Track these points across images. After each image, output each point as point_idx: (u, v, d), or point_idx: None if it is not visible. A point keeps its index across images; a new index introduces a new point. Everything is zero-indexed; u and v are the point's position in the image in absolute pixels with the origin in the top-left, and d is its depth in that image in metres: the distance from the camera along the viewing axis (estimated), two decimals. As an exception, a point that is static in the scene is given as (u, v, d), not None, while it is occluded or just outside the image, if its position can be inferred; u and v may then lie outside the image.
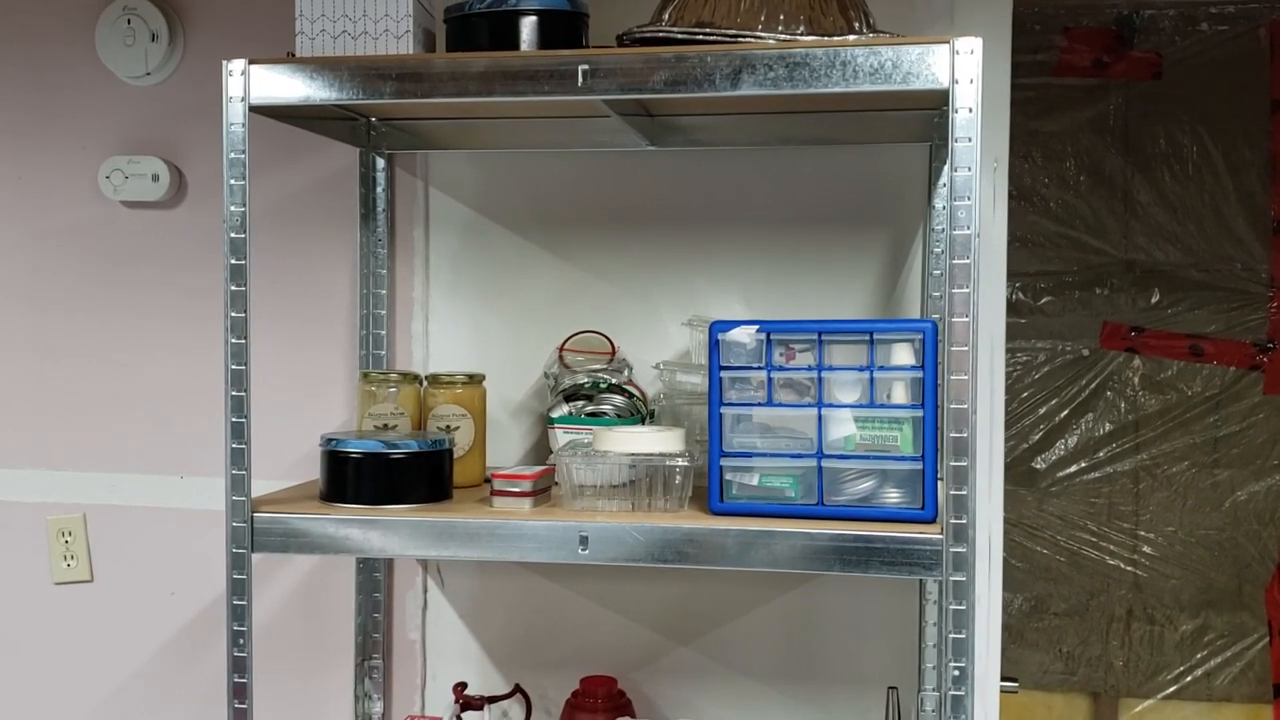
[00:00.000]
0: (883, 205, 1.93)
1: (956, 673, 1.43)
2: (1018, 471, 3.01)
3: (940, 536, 1.43)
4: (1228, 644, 2.96)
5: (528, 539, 1.53)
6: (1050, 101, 2.95)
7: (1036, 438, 3.00)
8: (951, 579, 1.42)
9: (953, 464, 1.42)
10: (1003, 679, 2.07)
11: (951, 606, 1.42)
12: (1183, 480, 2.96)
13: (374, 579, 2.05)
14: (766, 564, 1.48)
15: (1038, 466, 3.00)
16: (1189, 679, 2.97)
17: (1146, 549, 2.97)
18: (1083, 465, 2.99)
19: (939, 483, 1.48)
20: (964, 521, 1.42)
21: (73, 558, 2.13)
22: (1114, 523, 2.98)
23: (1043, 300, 2.99)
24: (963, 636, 1.42)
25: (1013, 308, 2.99)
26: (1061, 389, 2.99)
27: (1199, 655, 2.97)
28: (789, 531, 1.47)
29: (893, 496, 1.52)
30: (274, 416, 2.00)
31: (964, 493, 1.42)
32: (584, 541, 1.51)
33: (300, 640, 2.10)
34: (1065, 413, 2.99)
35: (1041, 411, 3.00)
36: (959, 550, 1.42)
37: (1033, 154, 2.96)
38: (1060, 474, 3.00)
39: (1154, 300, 2.96)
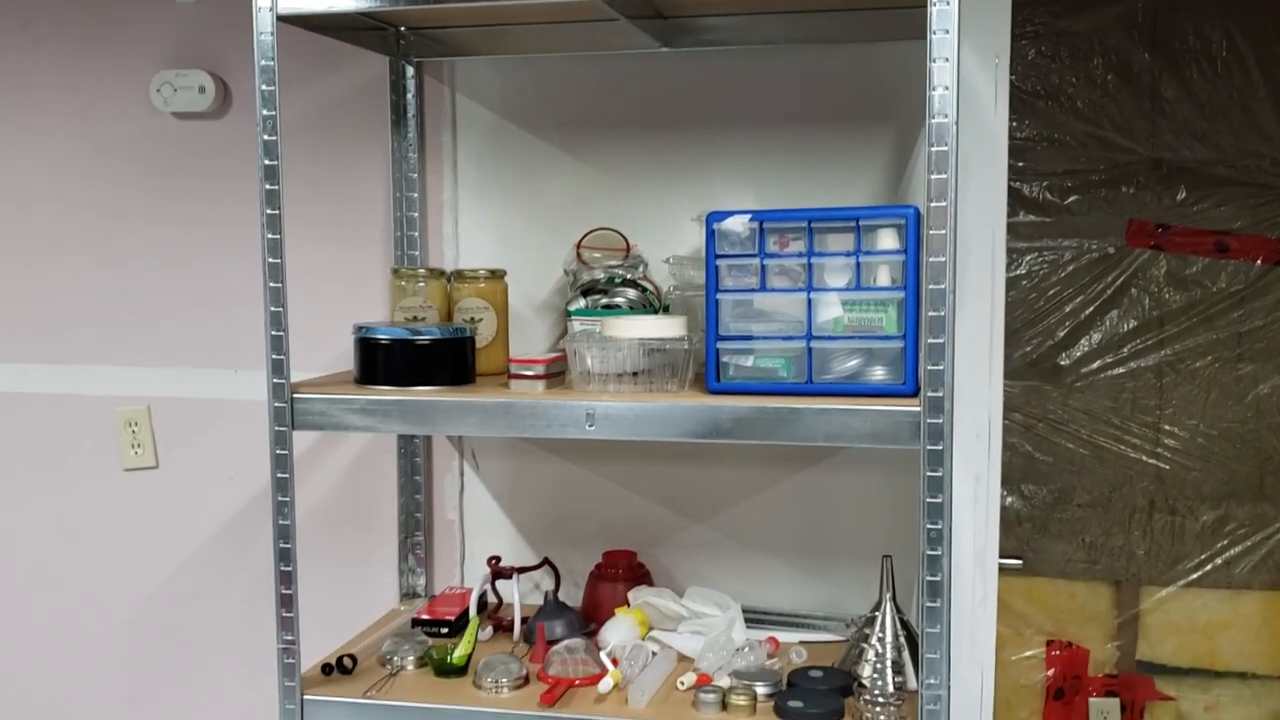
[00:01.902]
0: (888, 102, 1.99)
1: (932, 534, 1.54)
2: (1043, 368, 3.08)
3: (918, 409, 1.53)
4: (1248, 534, 3.02)
5: (540, 417, 1.66)
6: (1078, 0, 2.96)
7: (1062, 334, 3.05)
8: (928, 448, 1.53)
9: (930, 341, 1.52)
10: (1009, 557, 2.19)
11: (928, 473, 1.53)
12: (1206, 375, 3.00)
13: (414, 463, 2.20)
14: (759, 437, 1.60)
15: (1062, 363, 3.06)
16: (1209, 567, 3.04)
17: (1169, 442, 3.03)
18: (1107, 361, 3.04)
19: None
20: (940, 395, 1.52)
21: (139, 446, 2.31)
22: (1137, 417, 3.04)
23: (1069, 199, 3.02)
24: (938, 501, 1.53)
25: (1039, 207, 3.03)
26: (1087, 286, 3.03)
27: (1219, 544, 3.03)
28: (779, 407, 1.58)
29: (878, 374, 1.62)
30: (316, 315, 2.15)
31: (940, 368, 1.51)
32: (591, 419, 1.64)
33: (349, 521, 2.27)
34: (1090, 310, 3.03)
35: (1067, 309, 3.04)
36: (935, 421, 1.52)
37: (1060, 53, 2.97)
38: (1084, 370, 3.05)
39: (1180, 197, 2.97)
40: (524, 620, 2.02)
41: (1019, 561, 2.28)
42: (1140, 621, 3.10)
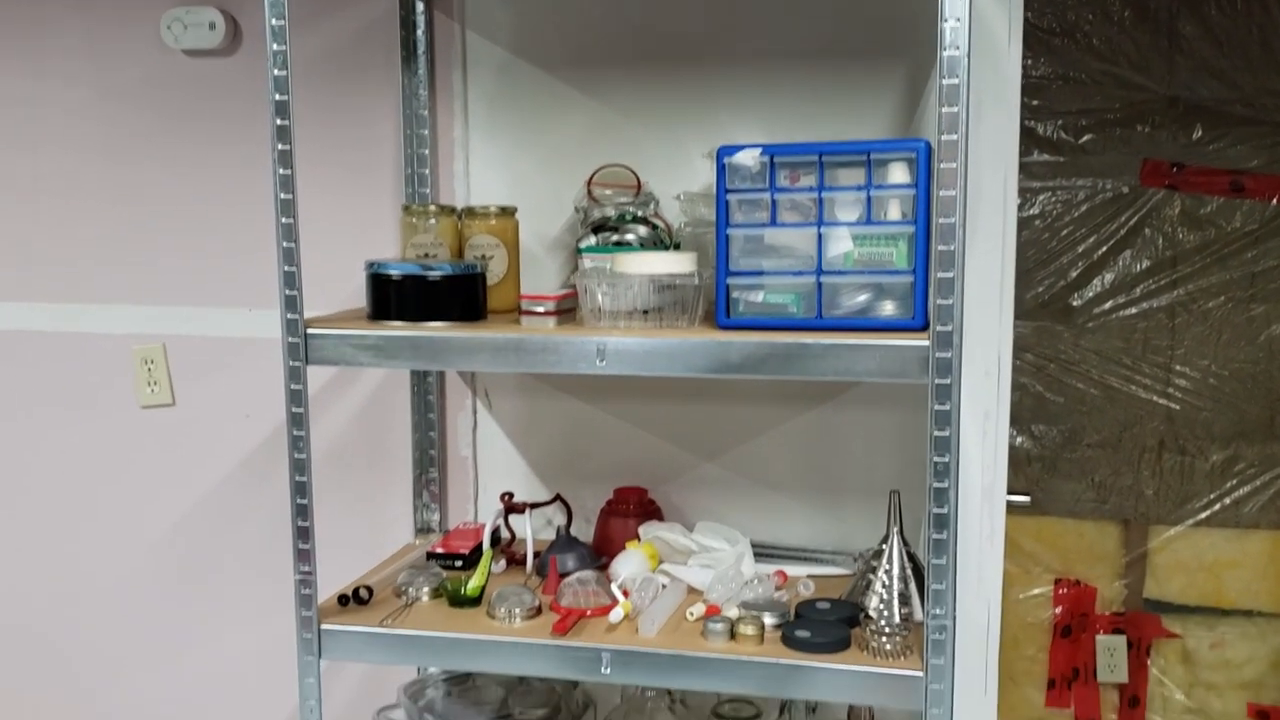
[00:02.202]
0: (901, 37, 1.98)
1: (939, 468, 1.55)
2: (1055, 308, 3.08)
3: (926, 343, 1.54)
4: (1257, 473, 3.03)
5: (550, 352, 1.67)
6: (1098, -66, 2.92)
7: (1074, 275, 3.04)
8: (936, 382, 1.54)
9: (940, 276, 1.52)
10: (1016, 493, 2.20)
11: (935, 407, 1.54)
12: (1218, 315, 2.99)
13: (428, 401, 2.22)
14: (768, 373, 1.61)
15: (1074, 303, 3.06)
16: (1218, 507, 3.06)
17: (1180, 382, 3.03)
18: (1120, 301, 3.03)
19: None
20: (949, 329, 1.52)
21: (156, 384, 2.34)
22: (1149, 357, 3.04)
23: (1084, 138, 3.00)
24: (945, 435, 1.54)
25: (1053, 146, 3.01)
26: (1100, 226, 3.02)
27: (1228, 484, 3.05)
28: (787, 342, 1.59)
29: (887, 309, 1.63)
30: (328, 253, 2.16)
31: (950, 303, 1.52)
32: (601, 354, 1.65)
33: (363, 458, 2.29)
34: (1103, 250, 3.02)
35: (1080, 249, 3.04)
36: (944, 356, 1.53)
37: (1077, -11, 2.94)
38: (1096, 310, 3.05)
39: (1196, 136, 2.95)
40: (536, 554, 2.05)
41: (1027, 498, 2.30)
42: (1148, 560, 3.13)
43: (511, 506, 2.11)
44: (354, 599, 1.88)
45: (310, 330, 1.73)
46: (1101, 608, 3.17)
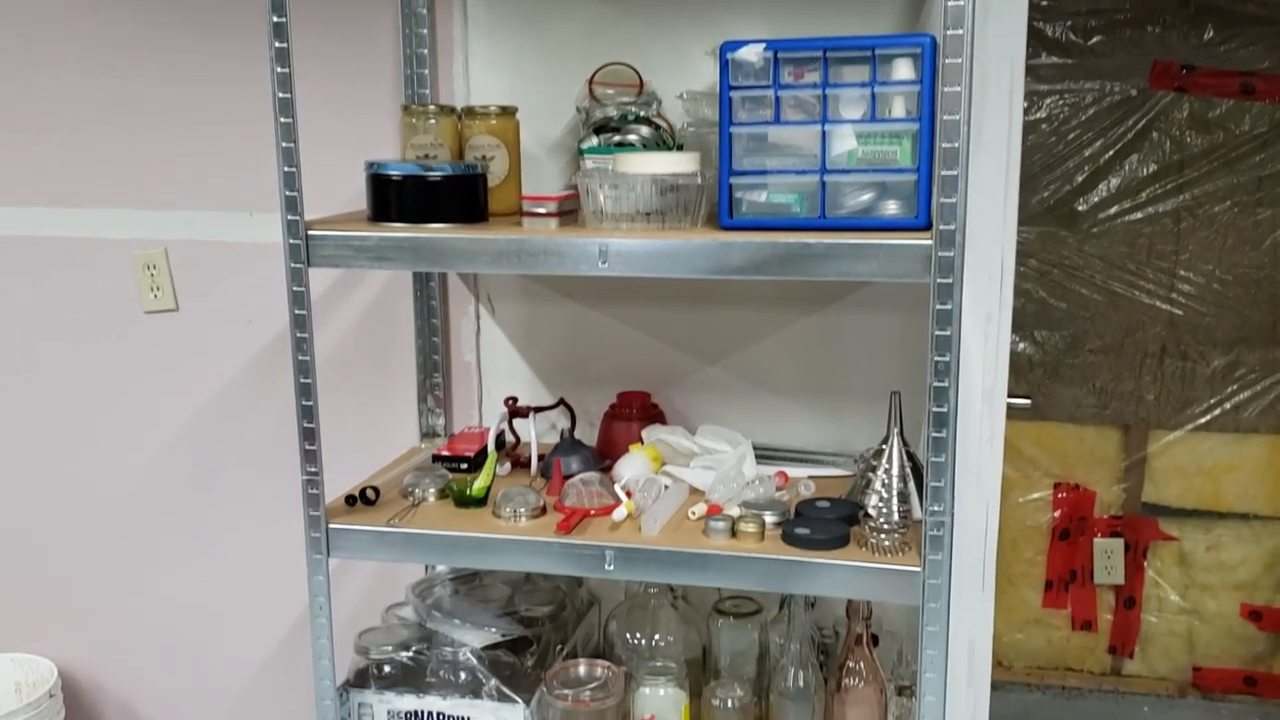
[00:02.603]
0: (907, -68, 1.94)
1: (940, 367, 1.56)
2: (1060, 213, 3.06)
3: (929, 242, 1.53)
4: (1258, 378, 3.04)
5: (552, 254, 1.67)
6: None
7: (1080, 179, 3.02)
8: (938, 281, 1.54)
9: (944, 174, 1.51)
10: (1016, 397, 2.21)
11: (937, 307, 1.54)
12: (1224, 220, 2.98)
13: (430, 307, 2.23)
14: (771, 273, 1.61)
15: (1080, 208, 3.04)
16: (1218, 411, 3.08)
17: (1184, 287, 3.03)
18: (1125, 206, 3.02)
19: (932, 194, 1.56)
20: (952, 228, 1.52)
21: (158, 289, 2.34)
22: (1153, 262, 3.03)
23: (1093, 40, 2.95)
24: (947, 334, 1.55)
25: (1061, 48, 2.97)
26: (1107, 130, 2.99)
27: (1229, 389, 3.06)
28: (789, 242, 1.59)
29: (891, 208, 1.62)
30: (328, 157, 2.14)
31: (953, 201, 1.51)
32: (604, 255, 1.65)
33: (367, 364, 2.30)
34: (1110, 154, 3.00)
35: (1086, 153, 3.01)
36: (946, 255, 1.52)
37: (1090, -115, 2.88)
38: (1101, 215, 3.04)
39: (1207, 37, 2.90)
40: (540, 457, 2.07)
41: (1028, 401, 2.31)
42: (1147, 464, 3.16)
43: (515, 410, 2.13)
44: (361, 499, 1.91)
45: (311, 232, 1.72)
46: (1100, 511, 3.21)
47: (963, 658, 2.19)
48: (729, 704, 1.91)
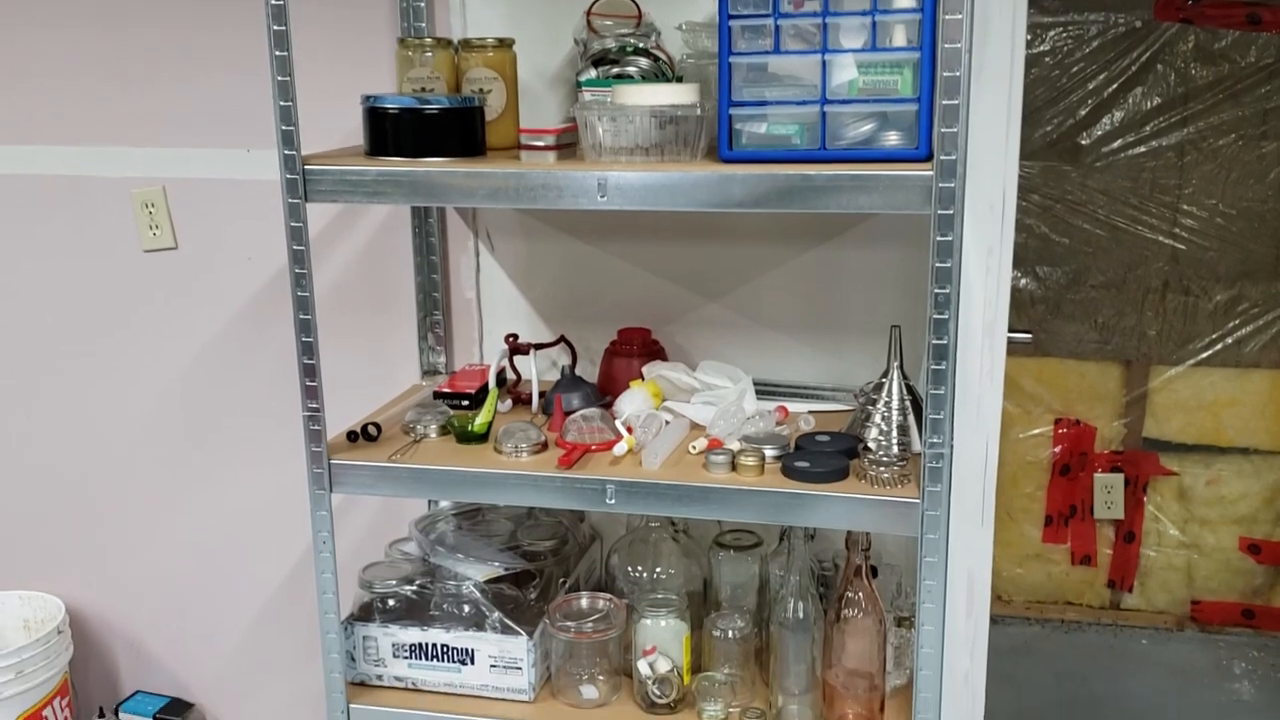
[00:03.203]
0: None
1: (940, 299, 1.56)
2: (1062, 148, 3.04)
3: (930, 173, 1.52)
4: (1260, 313, 3.04)
5: (551, 188, 1.66)
6: None
7: (1083, 113, 3.00)
8: (939, 213, 1.53)
9: (945, 103, 1.49)
10: (1017, 331, 2.21)
11: (937, 239, 1.54)
12: (1228, 153, 2.95)
13: (430, 243, 2.22)
14: (771, 206, 1.60)
15: (1083, 142, 3.02)
16: (1219, 346, 3.08)
17: (1187, 222, 3.01)
18: (1128, 140, 2.99)
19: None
20: (953, 158, 1.50)
21: (157, 227, 2.33)
22: (1156, 197, 3.01)
23: (1099, -30, 2.92)
24: (947, 266, 1.54)
25: (1067, -22, 2.93)
26: (1112, 63, 2.96)
27: (1231, 324, 3.06)
28: (790, 174, 1.58)
29: (891, 139, 1.61)
30: (324, 92, 2.12)
31: (955, 130, 1.50)
32: (603, 189, 1.64)
33: (367, 302, 2.30)
34: (1114, 87, 2.97)
35: (1090, 86, 2.98)
36: (947, 186, 1.51)
37: None
38: (1105, 149, 3.01)
39: (1214, -34, 2.87)
40: (541, 394, 2.07)
41: (1028, 335, 2.31)
42: (1148, 400, 3.16)
43: (516, 348, 2.13)
44: (363, 435, 1.91)
45: (308, 167, 1.71)
46: (1100, 446, 3.22)
47: (962, 590, 2.21)
48: (729, 635, 1.94)
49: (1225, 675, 3.00)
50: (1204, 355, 3.09)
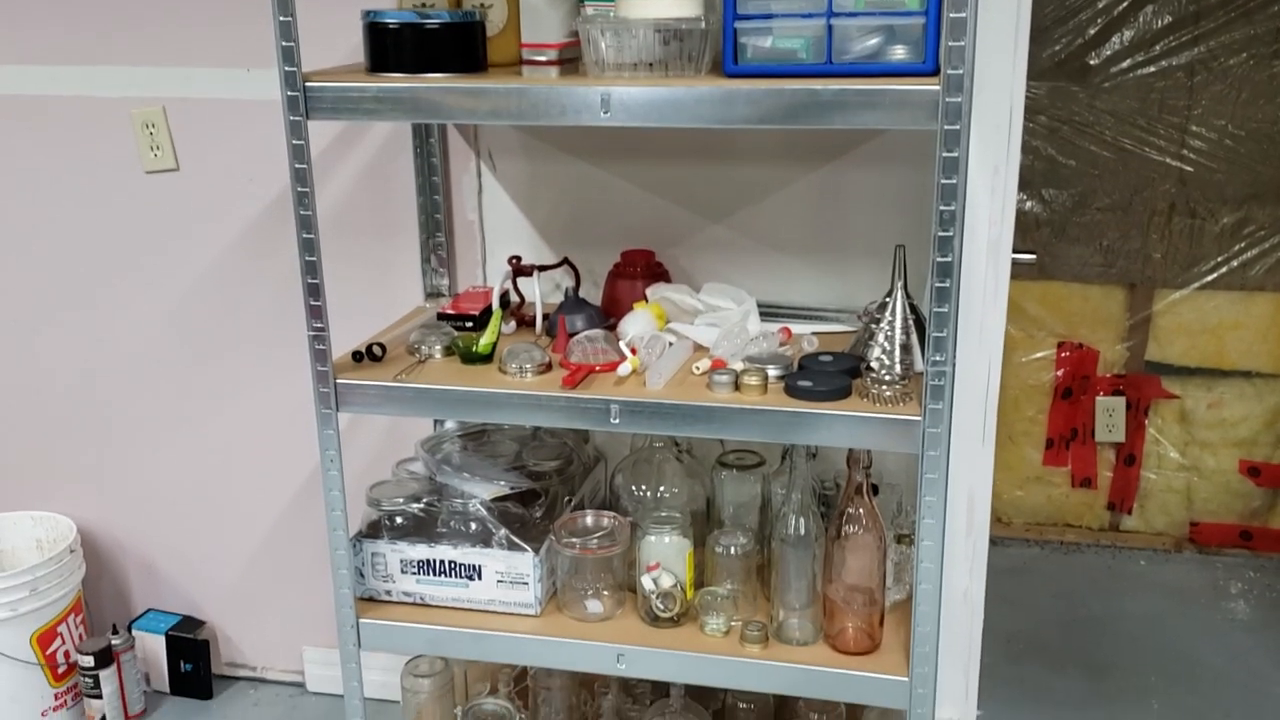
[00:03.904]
0: None
1: (945, 216, 1.55)
2: (1070, 68, 3.00)
3: (937, 88, 1.51)
4: (1267, 236, 3.02)
5: (553, 103, 1.64)
6: None
7: (1092, 32, 2.95)
8: (945, 128, 1.52)
9: (952, 16, 1.47)
10: (1020, 252, 2.21)
11: (943, 155, 1.52)
12: (1239, 73, 2.91)
13: (431, 164, 2.21)
14: (776, 122, 1.58)
15: (1091, 62, 2.98)
16: (1224, 269, 3.06)
17: (1195, 143, 2.98)
18: (1137, 60, 2.95)
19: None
20: (960, 73, 1.49)
21: (158, 148, 2.32)
22: (1164, 118, 2.98)
23: (1111, -117, 2.86)
24: (952, 183, 1.53)
25: (1077, -108, 2.87)
26: (1123, -21, 2.92)
27: (1237, 246, 3.04)
28: (795, 89, 1.56)
29: (898, 53, 1.59)
30: (324, 10, 2.10)
31: (962, 44, 1.48)
32: (606, 104, 1.62)
33: (370, 225, 2.30)
34: (1124, 5, 2.92)
35: (1099, 5, 2.93)
36: (954, 100, 1.50)
37: None
38: (1113, 69, 2.97)
39: (1229, -122, 2.81)
40: (545, 316, 2.07)
41: (1032, 256, 2.30)
42: (1151, 323, 3.16)
43: (519, 269, 2.13)
44: (368, 356, 1.92)
45: (309, 84, 1.69)
46: (1103, 370, 3.22)
47: (962, 509, 2.23)
48: (732, 551, 1.96)
49: (1222, 595, 3.04)
50: (1209, 278, 3.08)
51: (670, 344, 1.91)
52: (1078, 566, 3.23)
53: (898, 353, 1.78)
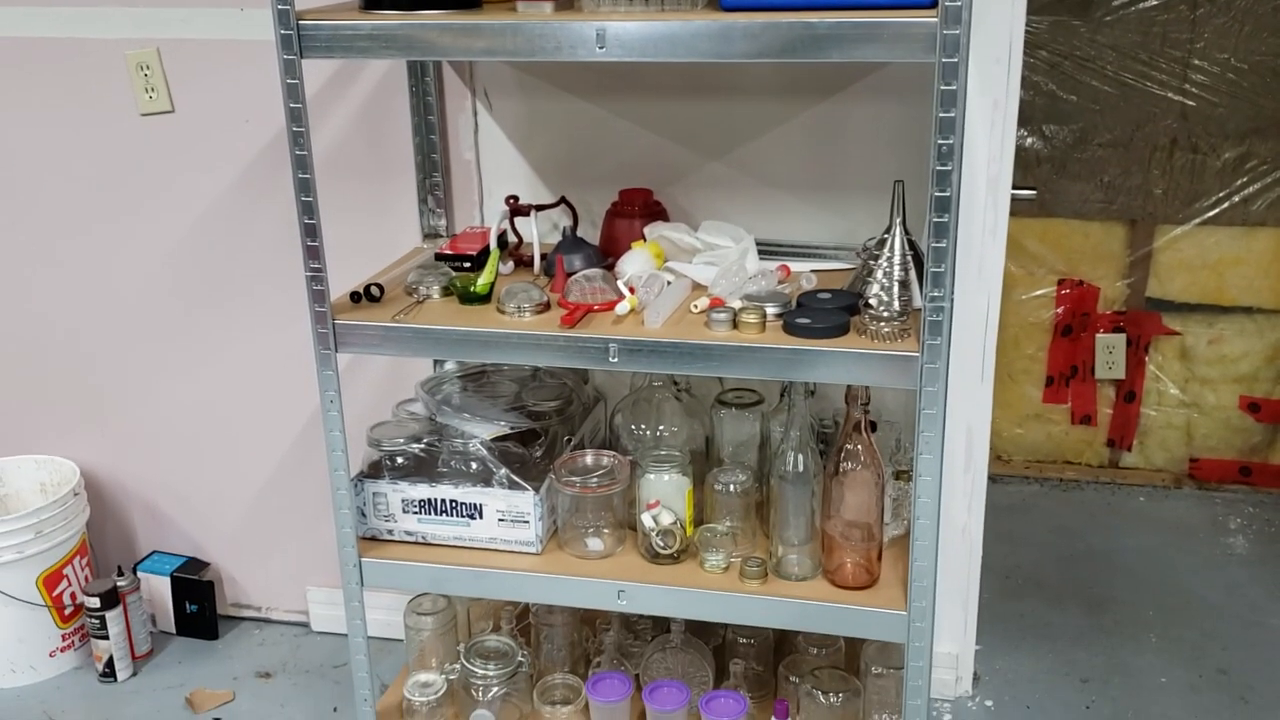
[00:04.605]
0: None
1: (944, 150, 1.54)
2: (1071, 1, 2.96)
3: (935, 20, 1.49)
4: (1269, 170, 3.00)
5: (548, 38, 1.62)
6: None
7: (1095, -35, 2.92)
8: (943, 61, 1.50)
9: (951, -54, 1.46)
10: (1020, 188, 2.20)
11: (941, 88, 1.51)
12: (1242, 5, 2.87)
13: (427, 103, 2.19)
14: (773, 55, 1.57)
15: (1094, -5, 2.95)
16: (1226, 205, 3.05)
17: (1197, 77, 2.95)
18: (1140, -8, 2.92)
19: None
20: (959, 4, 1.47)
21: (153, 90, 2.30)
22: (1166, 52, 2.95)
23: None
24: (951, 116, 1.52)
25: None
26: (1126, -91, 2.87)
27: (1239, 181, 3.02)
28: (792, 22, 1.54)
29: (896, -15, 1.57)
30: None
31: (960, -24, 1.46)
32: (601, 39, 1.61)
33: (366, 165, 2.28)
34: (1129, -64, 2.88)
35: (1105, -64, 2.89)
36: (952, 33, 1.48)
37: None
38: (1115, 3, 2.94)
39: None
40: (543, 256, 2.07)
41: (1033, 192, 2.29)
42: (1152, 260, 3.15)
43: (517, 209, 2.12)
44: (365, 296, 1.92)
45: (302, 22, 1.68)
46: (1103, 307, 3.22)
47: (960, 445, 2.24)
48: (731, 489, 1.97)
49: (1220, 530, 3.06)
50: (1210, 214, 3.06)
51: (668, 283, 1.91)
52: (1077, 503, 3.25)
53: (896, 289, 1.78)
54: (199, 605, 2.64)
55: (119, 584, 2.51)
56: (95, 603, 2.47)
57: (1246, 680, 2.45)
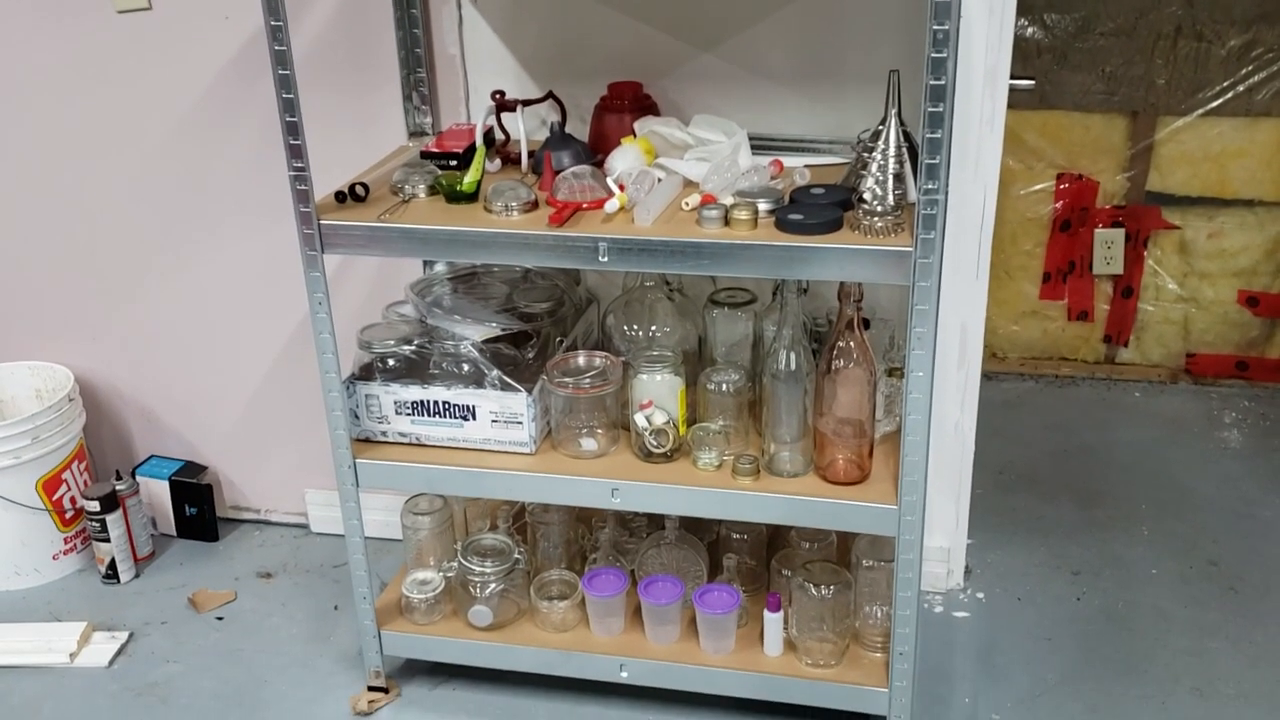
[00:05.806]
0: None
1: (939, 36, 1.50)
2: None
3: (930, -100, 1.44)
4: (1275, 58, 2.93)
5: (532, -75, 1.57)
6: None
7: None
8: (938, -56, 1.45)
9: None
10: (1019, 78, 2.15)
11: (937, -26, 1.47)
12: (1253, -116, 2.79)
13: (409, -3, 2.13)
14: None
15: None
16: (1230, 95, 2.99)
17: (1205, -39, 2.88)
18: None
19: None
20: (955, -117, 1.42)
21: (127, -14, 2.24)
22: (1174, -66, 2.87)
23: None
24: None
25: None
26: None
27: (1243, 71, 2.96)
28: (783, -96, 1.49)
29: None
30: None
31: None
32: (586, -75, 1.55)
33: (348, 62, 2.23)
34: None
35: None
36: (948, -86, 1.43)
37: None
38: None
39: None
40: (531, 154, 2.03)
41: (1031, 81, 2.23)
42: (1153, 152, 3.10)
43: (503, 104, 2.08)
44: (350, 196, 1.89)
45: (275, -90, 1.62)
46: (1103, 201, 3.18)
47: (954, 342, 2.23)
48: (724, 388, 1.97)
49: (1215, 425, 3.06)
50: (1214, 104, 3.00)
51: (659, 180, 1.88)
52: (1072, 399, 3.25)
53: (890, 183, 1.74)
54: (198, 508, 2.66)
55: (118, 488, 2.53)
56: (95, 506, 2.49)
57: (1236, 571, 2.48)
